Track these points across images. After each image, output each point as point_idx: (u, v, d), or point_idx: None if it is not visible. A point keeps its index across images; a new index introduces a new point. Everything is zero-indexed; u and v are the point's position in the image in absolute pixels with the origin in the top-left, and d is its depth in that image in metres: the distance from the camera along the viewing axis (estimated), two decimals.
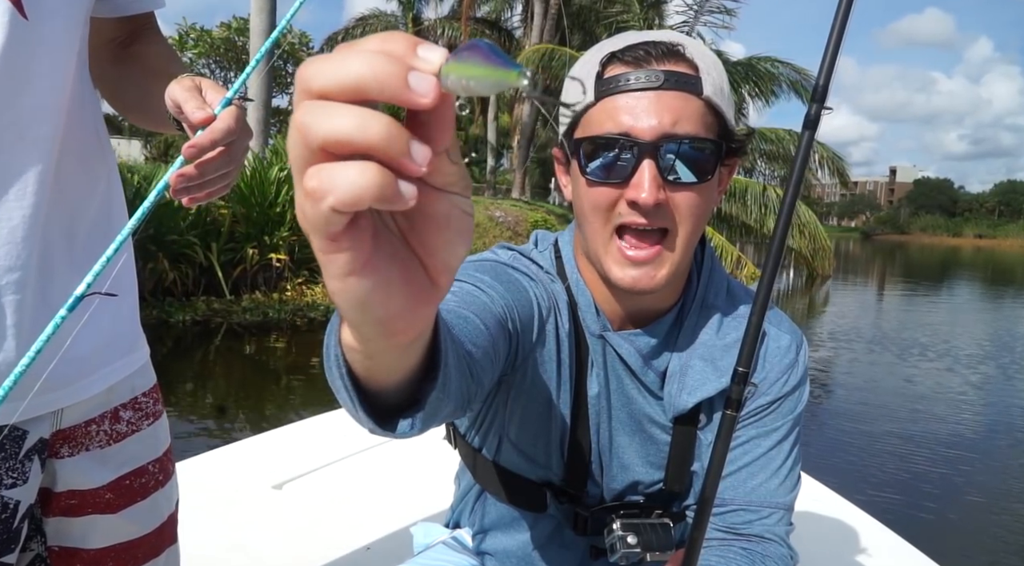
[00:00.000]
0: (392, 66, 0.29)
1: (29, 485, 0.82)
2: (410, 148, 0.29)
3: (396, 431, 0.51)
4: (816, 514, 2.01)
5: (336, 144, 0.29)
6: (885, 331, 11.33)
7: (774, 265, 0.68)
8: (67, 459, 0.87)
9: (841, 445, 5.35)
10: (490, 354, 0.75)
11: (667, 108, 0.81)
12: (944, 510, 4.28)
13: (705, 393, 0.91)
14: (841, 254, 25.09)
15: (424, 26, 24.67)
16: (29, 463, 0.82)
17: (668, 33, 0.87)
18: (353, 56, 0.29)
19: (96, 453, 0.89)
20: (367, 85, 0.28)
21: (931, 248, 66.55)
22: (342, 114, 0.29)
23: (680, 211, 0.83)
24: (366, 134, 0.29)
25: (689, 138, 0.81)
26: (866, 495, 4.22)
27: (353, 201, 0.29)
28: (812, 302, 16.24)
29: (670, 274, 0.85)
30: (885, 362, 8.64)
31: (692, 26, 17.07)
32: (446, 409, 0.57)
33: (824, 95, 0.65)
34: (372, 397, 0.49)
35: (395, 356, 0.43)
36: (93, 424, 0.89)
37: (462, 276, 0.85)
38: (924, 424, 6.02)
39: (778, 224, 0.68)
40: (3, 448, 0.79)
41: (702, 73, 0.83)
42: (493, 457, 1.01)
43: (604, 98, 0.83)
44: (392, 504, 1.94)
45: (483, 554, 1.10)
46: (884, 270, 31.76)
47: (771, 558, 0.89)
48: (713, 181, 0.85)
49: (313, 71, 0.30)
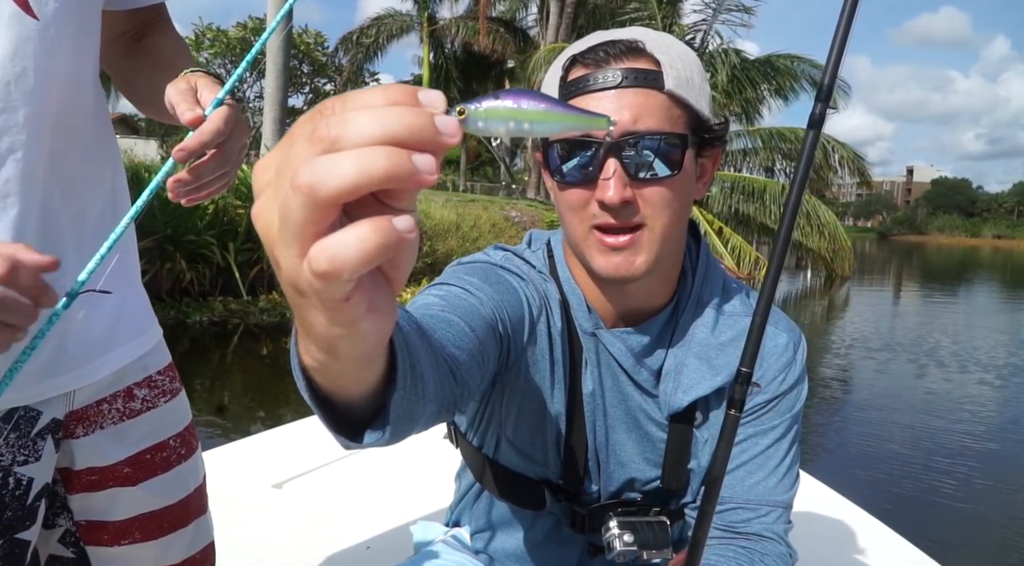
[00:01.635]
0: (418, 117, 0.31)
1: (43, 463, 0.86)
2: (416, 164, 0.31)
3: (363, 443, 0.51)
4: (815, 512, 1.99)
5: (353, 193, 0.30)
6: (910, 337, 11.10)
7: (778, 265, 0.68)
8: (83, 439, 0.91)
9: (868, 458, 5.23)
10: (476, 357, 0.76)
11: (627, 105, 0.81)
12: (962, 519, 4.16)
13: (700, 392, 0.91)
14: (858, 255, 25.00)
15: (439, 25, 24.65)
16: (42, 442, 0.86)
17: (631, 30, 0.87)
18: (379, 113, 0.31)
19: (111, 430, 0.93)
20: (400, 137, 0.31)
21: (949, 249, 65.92)
22: (350, 162, 0.30)
23: (652, 205, 0.82)
24: (375, 170, 0.30)
25: (651, 133, 0.80)
26: (888, 508, 4.11)
27: (367, 264, 0.31)
28: (832, 303, 16.04)
29: (650, 262, 0.85)
30: (910, 373, 8.44)
31: (710, 24, 16.94)
32: (426, 412, 0.59)
33: (829, 95, 0.65)
34: (341, 411, 0.49)
35: (362, 371, 0.45)
36: (105, 403, 0.92)
37: (451, 279, 0.86)
38: (955, 440, 5.87)
39: (782, 224, 0.68)
40: (17, 428, 0.84)
41: (664, 66, 0.82)
42: (493, 456, 1.02)
43: (568, 101, 0.83)
44: (392, 503, 1.94)
45: (482, 553, 1.10)
46: (903, 271, 31.44)
47: (770, 556, 0.89)
48: (686, 173, 0.84)
49: (335, 124, 0.31)
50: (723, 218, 15.82)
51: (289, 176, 0.31)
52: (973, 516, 4.21)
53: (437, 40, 25.08)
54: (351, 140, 0.30)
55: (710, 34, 17.03)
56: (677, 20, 17.48)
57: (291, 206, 0.31)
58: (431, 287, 0.86)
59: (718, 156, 0.91)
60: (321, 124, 0.31)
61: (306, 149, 0.31)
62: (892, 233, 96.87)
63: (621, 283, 0.87)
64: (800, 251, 17.51)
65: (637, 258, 0.84)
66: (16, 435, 0.84)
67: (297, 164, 0.31)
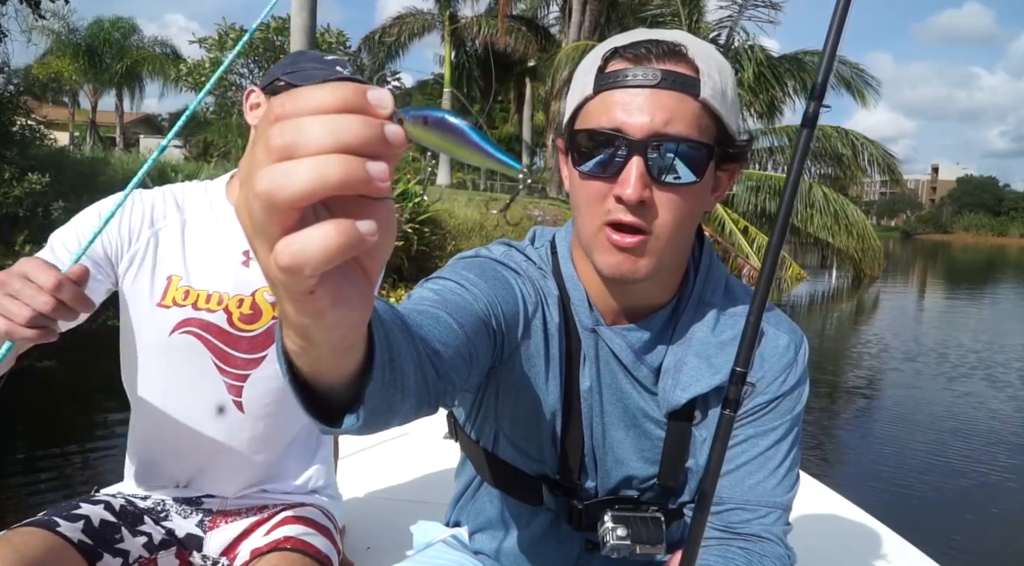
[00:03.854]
0: (369, 128, 0.33)
1: (176, 524, 1.29)
2: (369, 171, 0.33)
3: (342, 426, 0.53)
4: (816, 513, 1.98)
5: (311, 199, 0.32)
6: (948, 343, 10.61)
7: (772, 265, 0.67)
8: (219, 529, 1.31)
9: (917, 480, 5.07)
10: (463, 353, 0.77)
11: (661, 107, 0.81)
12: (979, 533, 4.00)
13: (699, 390, 0.91)
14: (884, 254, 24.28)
15: (461, 23, 24.61)
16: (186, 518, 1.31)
17: (676, 33, 0.87)
18: (332, 123, 0.32)
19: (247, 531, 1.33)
20: (352, 146, 0.32)
21: (975, 248, 64.80)
22: (305, 171, 0.32)
23: (665, 210, 0.83)
24: (331, 177, 0.32)
25: (680, 139, 0.81)
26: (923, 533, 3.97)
27: (330, 262, 0.33)
28: (860, 305, 15.76)
29: (652, 266, 0.86)
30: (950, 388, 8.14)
31: (736, 21, 16.74)
32: (405, 405, 0.60)
33: (823, 93, 0.65)
34: (321, 397, 0.52)
35: (341, 357, 0.48)
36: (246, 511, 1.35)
37: (447, 274, 0.89)
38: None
39: (776, 223, 0.68)
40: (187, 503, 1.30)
41: (702, 75, 0.82)
42: (492, 450, 1.03)
43: (602, 92, 0.84)
44: (392, 503, 1.94)
45: (481, 552, 1.11)
46: (932, 271, 30.91)
47: (769, 558, 0.90)
48: (704, 184, 0.84)
49: (288, 133, 0.32)
50: (748, 217, 15.63)
51: (251, 182, 0.33)
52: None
53: (459, 39, 25.03)
54: (306, 149, 0.32)
55: (736, 31, 16.85)
56: (700, 18, 17.30)
57: (254, 210, 0.33)
58: (428, 281, 0.88)
59: (735, 171, 0.90)
60: (275, 131, 0.33)
61: (264, 155, 0.33)
62: (916, 232, 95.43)
63: (622, 283, 0.88)
64: (826, 250, 17.27)
65: (641, 261, 0.85)
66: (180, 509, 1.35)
67: (256, 170, 0.32)
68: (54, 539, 1.10)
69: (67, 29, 23.40)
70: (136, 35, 24.90)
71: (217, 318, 1.22)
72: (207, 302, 1.22)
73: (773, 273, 0.67)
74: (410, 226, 10.71)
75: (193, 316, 1.22)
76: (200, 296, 1.22)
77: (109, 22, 24.20)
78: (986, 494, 4.55)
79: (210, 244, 1.24)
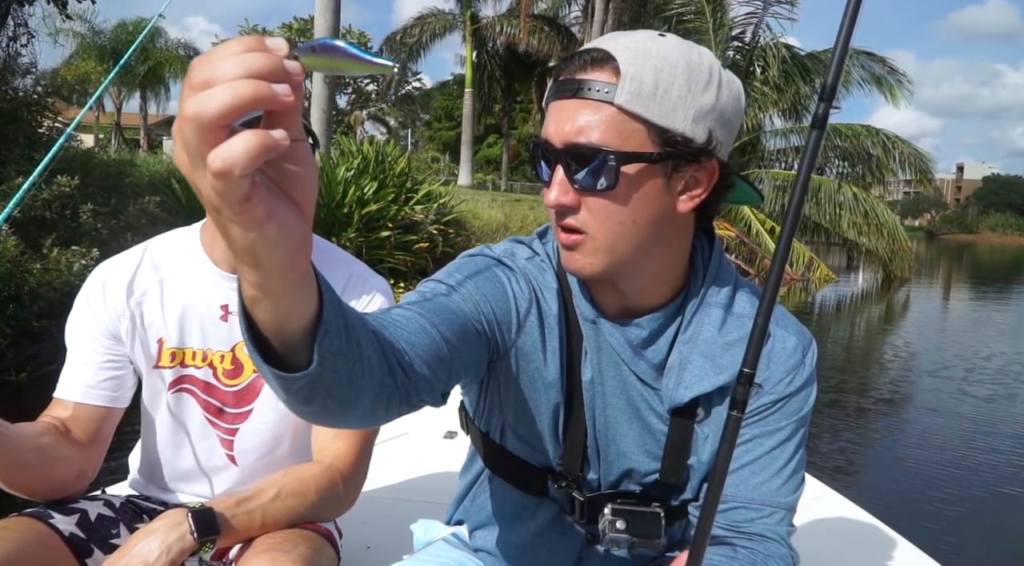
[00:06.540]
0: (270, 59, 0.41)
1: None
2: (274, 89, 0.41)
3: (298, 376, 0.57)
4: (817, 513, 1.97)
5: (231, 113, 0.40)
6: (994, 351, 10.37)
7: (780, 266, 0.68)
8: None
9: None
10: (436, 352, 0.79)
11: (573, 117, 0.83)
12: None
13: (702, 389, 0.92)
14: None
15: (482, 23, 24.55)
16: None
17: (620, 36, 0.86)
18: (240, 57, 0.41)
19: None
20: (260, 73, 0.41)
21: (1002, 248, 63.71)
22: (223, 90, 0.40)
23: (593, 215, 0.85)
24: (244, 94, 0.40)
25: (588, 147, 0.82)
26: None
27: (254, 160, 0.41)
28: (890, 307, 15.46)
29: (600, 265, 0.87)
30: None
31: (760, 18, 16.57)
32: (367, 384, 0.66)
33: (832, 94, 0.66)
34: (281, 361, 0.57)
35: (294, 295, 0.53)
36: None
37: (440, 275, 0.92)
38: None
39: (785, 223, 0.69)
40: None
41: (624, 80, 0.81)
42: (500, 441, 1.04)
43: (549, 102, 0.88)
44: (392, 502, 1.94)
45: (481, 550, 1.12)
46: (962, 272, 30.40)
47: (773, 558, 0.90)
48: (629, 188, 0.84)
49: (207, 70, 0.41)
50: (775, 217, 15.41)
51: (180, 113, 0.41)
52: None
53: (480, 39, 24.99)
54: (222, 78, 0.40)
55: (760, 27, 16.66)
56: (723, 15, 17.12)
57: (187, 134, 0.41)
58: (422, 282, 0.92)
59: (714, 168, 0.87)
60: (195, 72, 0.41)
61: (188, 94, 0.41)
62: (941, 232, 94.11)
63: (582, 278, 0.92)
64: (854, 250, 17.00)
65: (584, 259, 0.87)
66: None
67: (183, 104, 0.41)
68: (44, 530, 1.12)
69: (92, 32, 23.66)
70: (161, 38, 25.13)
71: (204, 374, 1.29)
72: (193, 359, 1.29)
73: (781, 274, 0.68)
74: (435, 227, 10.65)
75: (183, 373, 1.29)
76: (187, 354, 1.29)
77: (132, 24, 24.45)
78: (1004, 501, 4.38)
79: (189, 301, 1.28)
